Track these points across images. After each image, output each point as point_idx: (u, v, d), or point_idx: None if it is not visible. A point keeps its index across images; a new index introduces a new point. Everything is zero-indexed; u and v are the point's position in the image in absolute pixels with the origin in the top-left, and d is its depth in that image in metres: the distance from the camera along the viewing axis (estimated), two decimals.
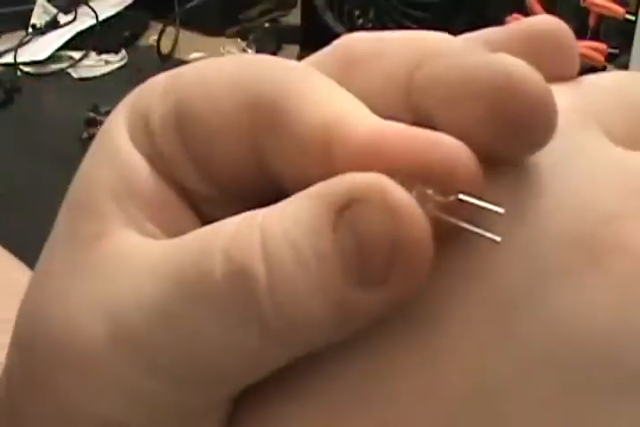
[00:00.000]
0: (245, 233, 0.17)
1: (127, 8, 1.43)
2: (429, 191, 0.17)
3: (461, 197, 0.17)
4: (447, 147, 0.17)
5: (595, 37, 1.16)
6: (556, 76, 0.20)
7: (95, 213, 0.19)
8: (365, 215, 0.16)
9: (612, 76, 0.21)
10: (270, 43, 1.35)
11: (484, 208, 0.17)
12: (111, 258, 0.19)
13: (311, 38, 1.31)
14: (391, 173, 0.17)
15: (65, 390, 0.19)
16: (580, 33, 1.17)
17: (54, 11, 1.40)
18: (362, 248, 0.16)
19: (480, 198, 0.17)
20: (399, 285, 0.17)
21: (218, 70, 0.19)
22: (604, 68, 1.12)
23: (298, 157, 0.18)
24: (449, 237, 0.17)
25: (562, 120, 0.18)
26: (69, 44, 1.37)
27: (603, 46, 1.13)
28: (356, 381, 0.18)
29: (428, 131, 0.17)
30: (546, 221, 0.18)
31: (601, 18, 1.15)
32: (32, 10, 1.40)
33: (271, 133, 0.18)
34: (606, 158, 0.18)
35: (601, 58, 1.12)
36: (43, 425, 0.19)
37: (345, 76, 0.19)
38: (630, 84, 0.20)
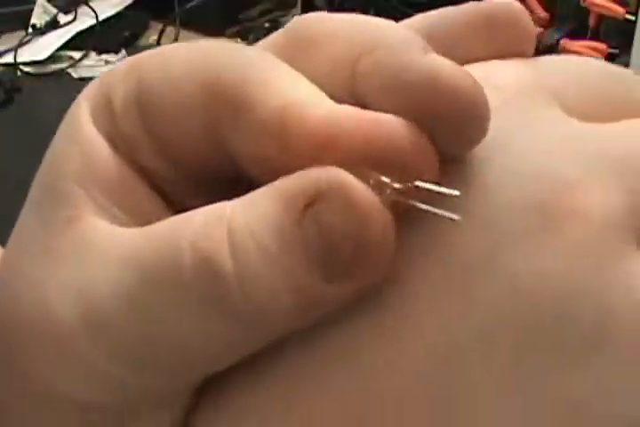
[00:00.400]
0: (213, 227, 0.18)
1: (127, 8, 1.43)
2: (386, 179, 0.17)
3: (418, 183, 0.18)
4: (401, 131, 0.18)
5: (595, 37, 1.16)
6: (513, 54, 0.21)
7: (65, 198, 0.20)
8: (329, 213, 0.17)
9: (568, 57, 0.21)
10: None
11: (440, 193, 0.18)
12: (83, 243, 0.19)
13: None
14: (349, 162, 0.17)
15: (42, 372, 0.19)
16: (580, 33, 1.17)
17: (54, 11, 1.40)
18: (326, 244, 0.17)
19: (436, 183, 0.18)
20: (363, 276, 0.18)
21: (179, 54, 0.20)
22: None
23: (256, 139, 0.18)
24: (407, 217, 0.18)
25: (515, 92, 0.19)
26: (69, 44, 1.36)
27: (603, 46, 1.13)
28: (315, 368, 0.18)
29: (379, 113, 0.18)
30: (498, 191, 0.18)
31: (601, 18, 1.15)
32: (32, 10, 1.40)
33: (230, 115, 0.19)
34: (559, 128, 0.19)
35: (601, 58, 1.12)
36: (22, 407, 0.20)
37: (296, 57, 0.20)
38: (586, 65, 0.21)
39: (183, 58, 0.20)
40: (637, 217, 0.18)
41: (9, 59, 1.34)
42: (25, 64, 1.34)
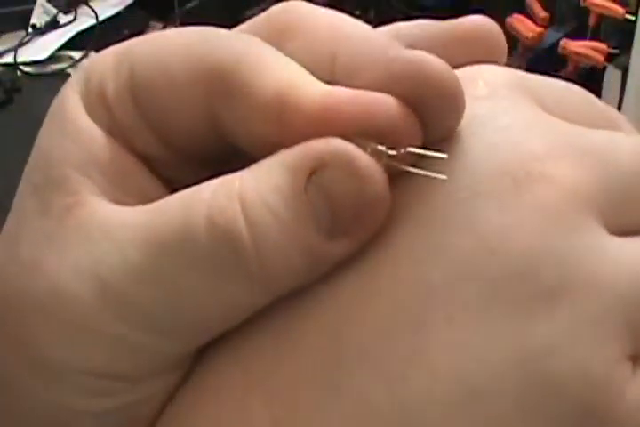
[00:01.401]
0: (225, 200, 0.19)
1: (127, 8, 1.43)
2: (382, 148, 0.19)
3: (410, 149, 0.20)
4: (393, 105, 0.19)
5: (595, 37, 1.16)
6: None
7: (65, 186, 0.20)
8: (332, 181, 0.19)
9: (551, 78, 0.23)
10: None
11: (430, 156, 0.20)
12: (89, 225, 0.20)
13: None
14: (345, 134, 0.19)
15: (49, 349, 0.19)
16: (580, 33, 1.17)
17: (54, 11, 1.40)
18: (332, 208, 0.19)
19: (425, 148, 0.20)
20: (363, 233, 0.19)
21: (170, 41, 0.21)
22: (603, 69, 1.12)
23: (254, 122, 0.20)
24: (393, 180, 0.20)
25: (501, 86, 0.21)
26: (69, 44, 1.37)
27: (603, 46, 1.14)
28: (297, 319, 0.20)
29: (373, 92, 0.19)
30: (476, 159, 0.20)
31: (601, 18, 1.15)
32: (32, 10, 1.40)
33: (226, 101, 0.20)
34: (538, 117, 0.21)
35: (601, 58, 1.12)
36: (24, 384, 0.20)
37: (278, 45, 0.21)
38: (568, 86, 0.23)
39: (175, 44, 0.20)
40: (606, 202, 0.20)
41: (9, 59, 1.34)
42: (25, 64, 1.34)
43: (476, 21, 0.22)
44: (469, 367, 0.18)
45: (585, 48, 1.13)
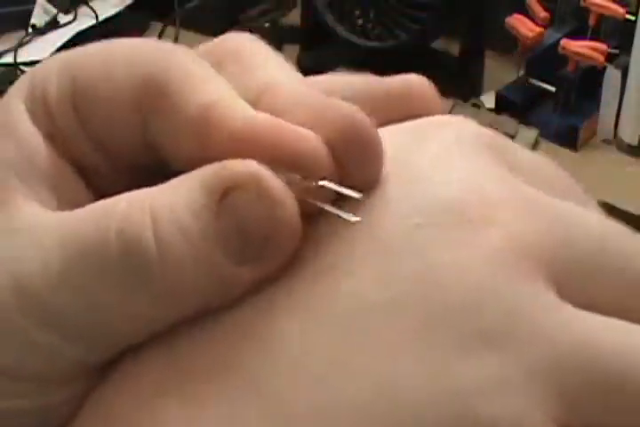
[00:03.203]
0: (137, 215, 0.19)
1: (127, 8, 1.43)
2: (295, 176, 0.19)
3: (322, 183, 0.20)
4: (312, 139, 0.20)
5: (595, 37, 1.16)
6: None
7: None
8: (244, 202, 0.19)
9: None
10: (270, 43, 1.35)
11: (342, 193, 0.20)
12: (11, 226, 0.20)
13: (311, 38, 1.31)
14: (264, 158, 0.19)
15: None
16: (580, 33, 1.17)
17: (54, 11, 1.40)
18: (242, 231, 0.19)
19: (339, 184, 0.20)
20: (272, 259, 0.19)
21: (112, 52, 0.21)
22: (603, 69, 1.12)
23: (179, 135, 0.20)
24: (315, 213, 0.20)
25: (468, 135, 0.21)
26: (69, 44, 1.36)
27: (603, 46, 1.13)
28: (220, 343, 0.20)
29: (295, 125, 0.20)
30: (430, 189, 0.20)
31: (601, 18, 1.15)
32: (32, 10, 1.40)
33: (156, 114, 0.20)
34: (499, 170, 0.21)
35: (601, 58, 1.12)
36: None
37: (219, 68, 0.21)
38: (537, 155, 0.23)
39: (115, 56, 0.21)
40: (563, 269, 0.20)
41: (9, 59, 1.34)
42: (25, 64, 1.34)
43: (408, 79, 0.23)
44: (394, 385, 0.18)
45: (585, 48, 1.13)
